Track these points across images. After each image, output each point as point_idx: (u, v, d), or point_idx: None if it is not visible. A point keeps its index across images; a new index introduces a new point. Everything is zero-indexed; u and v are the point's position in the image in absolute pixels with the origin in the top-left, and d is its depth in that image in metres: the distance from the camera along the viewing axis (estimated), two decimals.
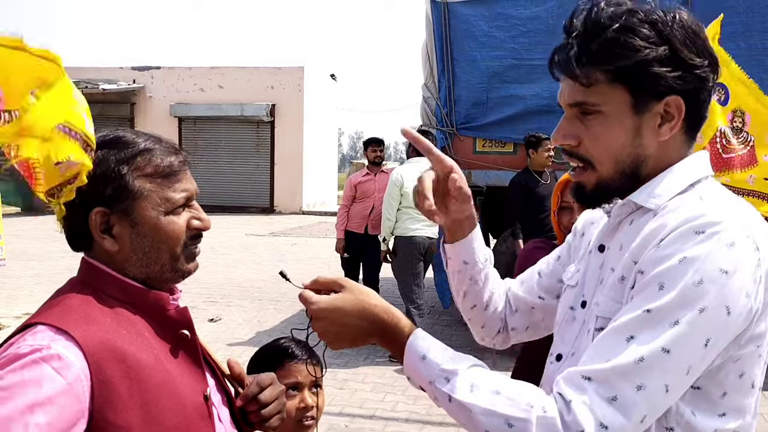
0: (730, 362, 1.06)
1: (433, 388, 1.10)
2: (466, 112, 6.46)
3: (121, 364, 1.10)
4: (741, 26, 5.94)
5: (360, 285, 1.21)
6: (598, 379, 1.01)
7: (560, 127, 1.17)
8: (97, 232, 1.16)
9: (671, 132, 1.12)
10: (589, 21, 1.11)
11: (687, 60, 1.08)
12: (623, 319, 1.04)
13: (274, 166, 20.56)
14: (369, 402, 4.93)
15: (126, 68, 21.14)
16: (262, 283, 9.28)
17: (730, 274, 1.00)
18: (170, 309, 1.23)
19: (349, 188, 6.85)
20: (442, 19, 6.40)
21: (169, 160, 1.21)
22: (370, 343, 1.20)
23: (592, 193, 1.18)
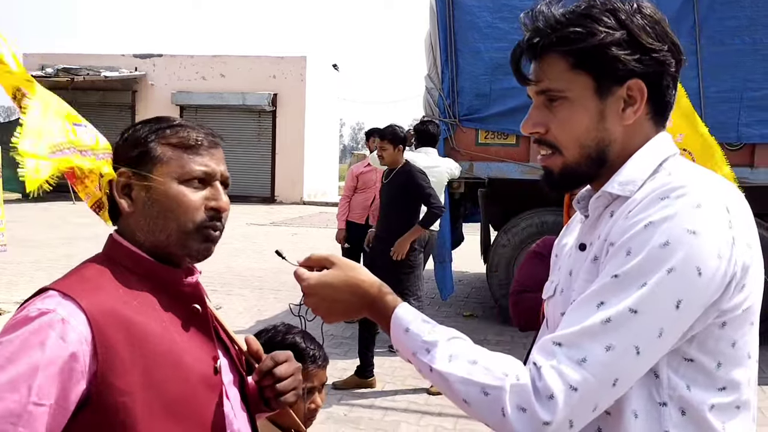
0: (716, 328, 1.05)
1: (416, 359, 1.13)
2: (469, 104, 6.45)
3: (125, 331, 1.14)
4: (746, 21, 5.92)
5: (350, 261, 1.25)
6: (566, 342, 1.02)
7: (529, 116, 1.19)
8: (118, 191, 1.23)
9: (635, 115, 1.13)
10: (549, 11, 1.14)
11: (645, 44, 1.10)
12: (594, 287, 1.05)
13: (275, 156, 20.54)
14: (368, 391, 4.95)
15: (128, 56, 21.08)
16: (262, 272, 9.29)
17: (698, 233, 1.00)
18: (182, 284, 1.27)
19: (350, 179, 6.84)
20: (446, 9, 6.37)
21: (197, 135, 1.26)
22: (361, 316, 1.24)
23: (558, 177, 1.19)
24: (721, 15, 5.95)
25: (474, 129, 6.52)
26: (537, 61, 1.16)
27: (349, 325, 6.70)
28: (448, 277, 6.68)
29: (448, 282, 6.70)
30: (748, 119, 6.01)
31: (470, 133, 6.53)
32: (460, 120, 6.47)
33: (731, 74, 5.97)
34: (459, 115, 6.46)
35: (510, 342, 5.86)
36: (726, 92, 5.99)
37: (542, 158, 1.20)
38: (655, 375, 1.06)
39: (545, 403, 1.00)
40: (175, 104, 20.37)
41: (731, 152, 5.86)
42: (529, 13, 1.17)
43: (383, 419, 4.48)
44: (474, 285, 8.84)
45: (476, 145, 6.55)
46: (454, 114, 6.46)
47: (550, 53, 1.13)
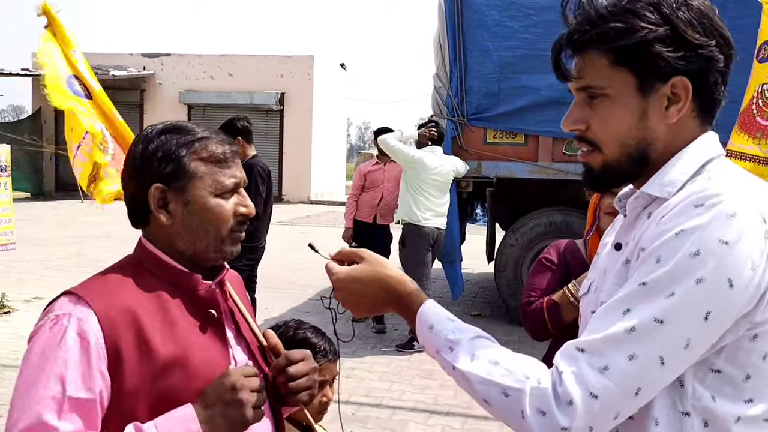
0: (747, 341, 1.03)
1: (439, 356, 1.14)
2: (478, 103, 6.43)
3: (135, 334, 1.21)
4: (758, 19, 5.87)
5: (378, 256, 1.27)
6: (590, 349, 1.01)
7: (570, 113, 1.17)
8: (155, 206, 1.29)
9: (679, 114, 1.09)
10: (591, 5, 1.11)
11: (691, 40, 1.06)
12: (621, 294, 1.04)
13: (282, 155, 20.56)
14: (376, 390, 4.94)
15: (136, 55, 21.14)
16: (270, 270, 9.28)
17: (731, 244, 0.97)
18: (200, 289, 1.33)
19: (358, 177, 6.84)
20: (454, 8, 6.35)
21: (223, 148, 1.33)
22: (389, 312, 1.26)
23: (599, 175, 1.16)
24: (731, 14, 5.87)
25: (482, 128, 6.51)
26: (578, 57, 1.13)
27: (357, 324, 6.70)
28: (458, 276, 6.67)
29: (459, 281, 6.70)
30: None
31: (479, 132, 6.52)
32: (468, 119, 6.46)
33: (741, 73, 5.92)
34: (467, 114, 6.44)
35: (518, 342, 5.84)
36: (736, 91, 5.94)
37: (582, 155, 1.18)
38: (680, 384, 1.04)
39: (564, 409, 0.99)
40: (183, 103, 20.41)
41: None
42: (571, 7, 1.13)
43: (391, 418, 4.47)
44: (481, 284, 8.82)
45: (484, 144, 6.53)
46: (463, 113, 6.44)
47: (590, 49, 1.10)
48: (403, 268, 6.08)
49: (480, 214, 12.32)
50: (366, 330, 6.47)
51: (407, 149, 5.91)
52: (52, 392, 1.14)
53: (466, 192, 6.81)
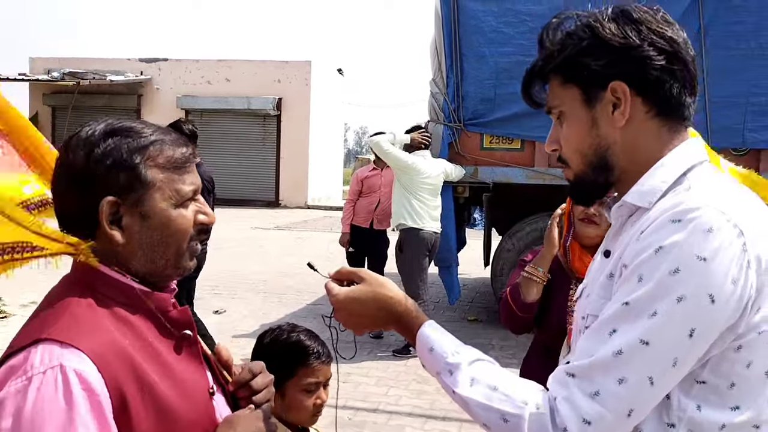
0: (731, 351, 1.03)
1: (440, 379, 1.15)
2: (474, 108, 6.45)
3: (132, 373, 1.07)
4: (751, 26, 5.92)
5: (378, 276, 1.28)
6: (580, 374, 1.03)
7: (549, 135, 1.24)
8: (106, 223, 1.11)
9: (624, 117, 1.12)
10: (540, 39, 1.20)
11: (617, 45, 1.10)
12: (606, 314, 1.05)
13: (279, 160, 20.58)
14: (372, 395, 4.94)
15: (133, 60, 21.16)
16: (267, 276, 9.29)
17: (708, 260, 0.98)
18: (171, 310, 1.20)
19: (355, 183, 6.85)
20: (451, 14, 6.38)
21: (181, 151, 1.18)
22: (389, 329, 1.28)
23: (575, 188, 1.23)
24: (726, 20, 5.95)
25: (479, 133, 6.53)
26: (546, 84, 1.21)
27: None
28: (455, 281, 6.68)
29: (455, 286, 6.71)
30: (754, 124, 6.00)
31: (475, 137, 6.54)
32: (465, 124, 6.48)
33: (736, 79, 5.97)
34: (464, 120, 6.47)
35: (515, 346, 5.84)
36: (731, 97, 5.98)
37: (563, 173, 1.24)
38: (666, 397, 1.05)
39: None
40: (180, 108, 20.42)
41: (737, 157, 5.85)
42: None
43: (387, 423, 4.47)
44: (478, 289, 8.83)
45: (481, 149, 6.56)
46: (459, 118, 6.46)
47: (549, 75, 1.19)
48: (401, 274, 6.09)
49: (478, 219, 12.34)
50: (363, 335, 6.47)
51: (400, 153, 5.90)
52: None
53: (462, 197, 6.83)
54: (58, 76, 19.29)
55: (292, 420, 1.91)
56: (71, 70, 19.75)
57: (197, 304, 7.46)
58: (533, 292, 2.40)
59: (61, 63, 20.73)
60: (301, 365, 1.90)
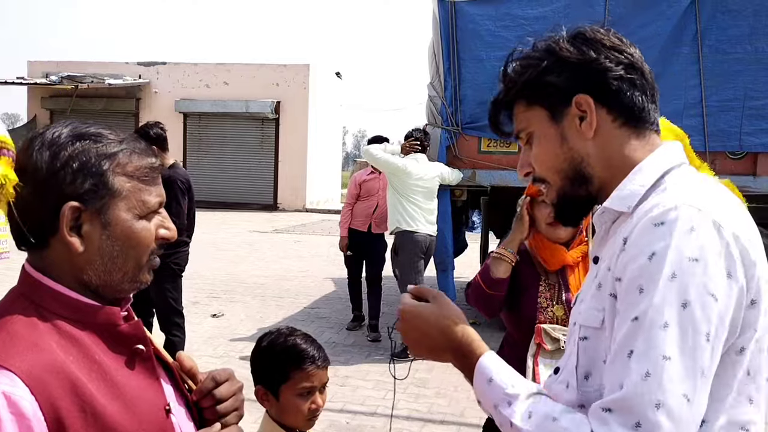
0: (733, 353, 1.04)
1: (497, 412, 1.12)
2: (472, 112, 6.47)
3: (71, 394, 1.01)
4: (747, 30, 5.94)
5: (449, 302, 1.27)
6: (616, 408, 0.99)
7: (520, 160, 1.26)
8: (66, 229, 1.06)
9: (592, 127, 1.15)
10: (502, 71, 1.25)
11: (574, 61, 1.15)
12: (620, 336, 1.03)
13: (278, 164, 20.58)
14: (370, 399, 4.95)
15: (132, 63, 21.18)
16: (265, 279, 9.29)
17: (699, 260, 0.99)
18: (121, 324, 1.14)
19: (353, 186, 6.86)
20: (448, 18, 6.40)
21: (149, 161, 1.14)
22: (445, 360, 1.24)
23: (560, 207, 1.24)
24: (722, 24, 5.97)
25: (476, 137, 6.54)
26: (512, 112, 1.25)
27: (351, 333, 6.71)
28: (450, 284, 6.69)
29: (450, 289, 6.71)
30: (750, 128, 6.02)
31: (473, 141, 6.55)
32: (462, 128, 6.49)
33: (733, 83, 5.99)
34: (461, 123, 6.48)
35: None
36: (728, 101, 6.00)
37: (545, 195, 1.28)
38: None
39: None
40: (179, 112, 20.44)
41: (734, 161, 5.87)
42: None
43: (385, 427, 4.47)
44: None
45: (479, 153, 6.57)
46: (457, 122, 6.48)
47: (514, 101, 1.23)
48: (397, 277, 6.11)
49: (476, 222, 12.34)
50: (361, 338, 6.47)
51: (390, 158, 6.01)
52: None
53: (460, 200, 6.84)
54: (56, 80, 19.30)
55: (288, 424, 1.91)
56: (70, 74, 19.76)
57: (195, 308, 7.47)
58: (501, 269, 2.48)
59: (59, 66, 20.74)
60: (296, 369, 1.89)
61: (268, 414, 1.94)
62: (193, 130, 20.64)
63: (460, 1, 6.39)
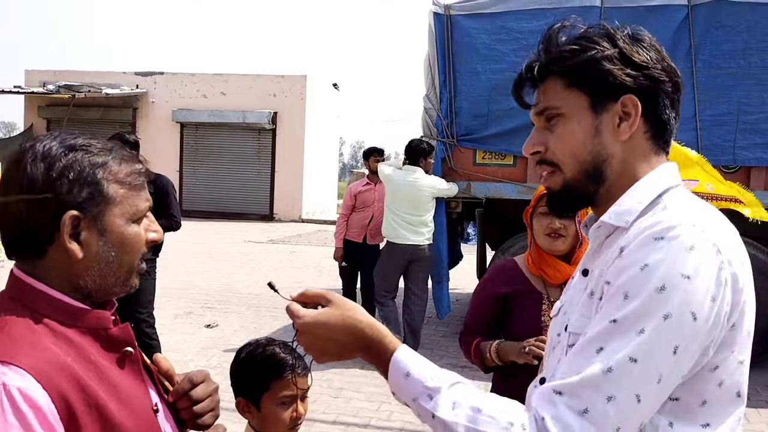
0: (707, 371, 1.06)
1: (416, 405, 1.10)
2: (467, 124, 6.49)
3: (79, 392, 1.06)
4: (741, 45, 5.99)
5: (347, 300, 1.21)
6: (568, 392, 1.02)
7: (530, 138, 1.22)
8: (67, 237, 1.10)
9: (630, 130, 1.14)
10: (546, 39, 1.19)
11: (638, 61, 1.13)
12: (593, 332, 1.05)
13: (274, 174, 20.58)
14: (364, 411, 4.93)
15: (129, 73, 21.20)
16: (260, 290, 9.27)
17: (692, 278, 1.00)
18: (112, 327, 1.19)
19: (349, 197, 6.88)
20: (444, 31, 6.43)
21: (138, 167, 1.19)
22: (354, 358, 1.21)
23: (560, 196, 1.20)
24: (716, 39, 6.02)
25: (472, 149, 6.55)
26: (538, 86, 1.20)
27: None
28: (445, 295, 6.69)
29: (445, 301, 6.71)
30: (744, 142, 6.05)
31: (468, 153, 6.57)
32: (458, 140, 6.51)
33: (727, 98, 6.02)
34: (457, 136, 6.50)
35: None
36: (722, 115, 6.03)
37: (544, 180, 1.22)
38: None
39: None
40: (176, 122, 20.44)
41: (727, 175, 5.90)
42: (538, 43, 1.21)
43: None
44: None
45: (474, 165, 6.58)
46: (452, 134, 6.50)
47: (548, 76, 1.17)
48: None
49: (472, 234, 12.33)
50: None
51: (385, 169, 6.23)
52: None
53: (455, 212, 6.85)
54: (53, 89, 19.30)
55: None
56: (67, 83, 19.77)
57: (190, 319, 7.45)
58: (495, 362, 2.40)
59: (56, 76, 20.76)
60: (276, 378, 1.89)
61: (250, 425, 1.94)
62: (190, 140, 20.64)
63: (455, 15, 6.43)
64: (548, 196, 1.23)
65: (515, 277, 2.49)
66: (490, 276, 2.62)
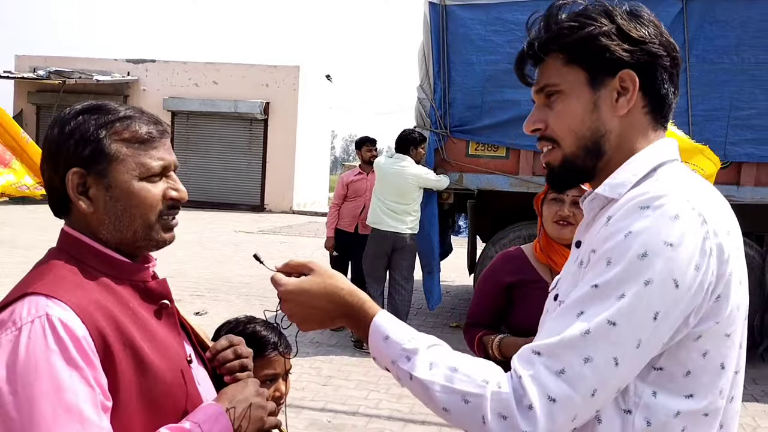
0: (690, 340, 1.06)
1: (395, 367, 1.12)
2: (461, 115, 6.48)
3: (114, 328, 1.15)
4: (734, 41, 6.00)
5: (328, 268, 1.24)
6: (546, 353, 1.03)
7: (530, 116, 1.23)
8: (73, 192, 1.20)
9: (628, 105, 1.14)
10: (546, 17, 1.19)
11: (635, 36, 1.13)
12: (575, 296, 1.06)
13: (266, 164, 20.52)
14: (352, 399, 4.94)
15: (120, 60, 21.04)
16: (249, 278, 9.26)
17: (675, 246, 1.01)
18: (150, 281, 1.28)
19: (340, 187, 6.86)
20: (439, 21, 6.41)
21: (148, 128, 1.25)
22: (338, 326, 1.24)
23: (559, 171, 1.21)
24: (710, 34, 6.03)
25: (465, 140, 6.55)
26: (539, 64, 1.20)
27: (334, 333, 6.69)
28: (436, 286, 6.69)
29: (435, 292, 6.71)
30: (735, 138, 6.07)
31: (461, 144, 6.56)
32: (451, 131, 6.50)
33: (719, 93, 6.04)
34: (450, 127, 6.49)
35: None
36: (714, 111, 6.06)
37: (544, 156, 1.22)
38: None
39: (525, 413, 1.00)
40: (167, 110, 20.31)
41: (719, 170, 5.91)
42: (535, 20, 1.21)
43: (367, 426, 4.47)
44: (461, 296, 8.85)
45: (466, 156, 6.58)
46: (446, 125, 6.49)
47: (548, 54, 1.18)
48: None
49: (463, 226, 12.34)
50: (344, 339, 6.46)
51: (379, 159, 6.43)
52: (85, 395, 1.06)
53: (447, 204, 6.85)
54: (43, 75, 19.12)
55: None
56: (57, 69, 19.60)
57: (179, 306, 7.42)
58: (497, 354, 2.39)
59: (47, 61, 20.57)
60: (258, 356, 1.86)
61: None
62: (181, 129, 20.52)
63: (451, 5, 6.41)
64: (547, 172, 1.24)
65: (521, 266, 2.44)
66: (496, 265, 2.54)
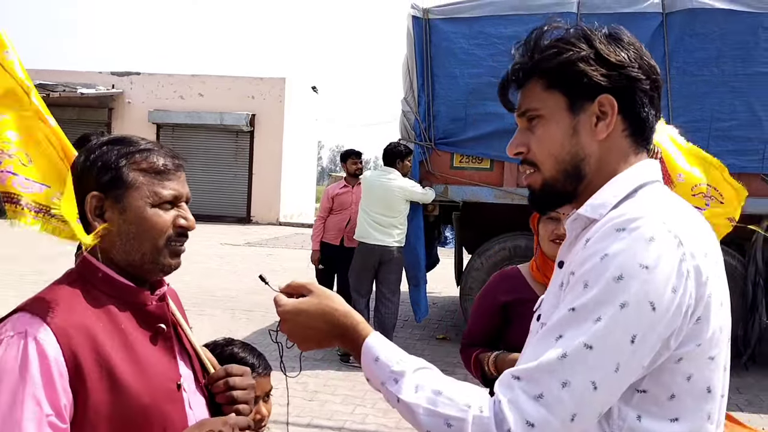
0: (671, 362, 1.06)
1: (384, 389, 1.14)
2: (445, 128, 6.51)
3: (93, 351, 1.23)
4: (714, 53, 6.08)
5: (326, 290, 1.27)
6: (525, 377, 1.03)
7: (513, 139, 1.24)
8: (91, 214, 1.31)
9: (607, 129, 1.15)
10: (527, 42, 1.21)
11: (614, 60, 1.14)
12: (553, 320, 1.07)
13: (252, 176, 20.47)
14: (338, 414, 4.90)
15: (105, 73, 20.96)
16: (235, 292, 9.20)
17: (650, 269, 1.02)
18: (149, 304, 1.36)
19: (326, 200, 6.85)
20: (423, 35, 6.46)
21: (165, 161, 1.37)
22: (335, 346, 1.26)
23: (539, 194, 1.22)
24: (690, 47, 6.11)
25: (449, 152, 6.58)
26: (522, 89, 1.22)
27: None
28: (423, 298, 6.69)
29: (422, 304, 6.71)
30: (717, 149, 6.12)
31: (445, 156, 6.59)
32: (435, 143, 6.53)
33: (700, 105, 6.11)
34: (434, 139, 6.52)
35: None
36: (695, 122, 6.11)
37: (525, 178, 1.24)
38: None
39: None
40: (152, 122, 20.24)
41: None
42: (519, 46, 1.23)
43: None
44: (448, 308, 8.85)
45: (451, 168, 6.61)
46: (430, 137, 6.52)
47: (530, 79, 1.20)
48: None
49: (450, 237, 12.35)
50: (330, 353, 6.43)
51: (366, 173, 6.50)
52: (31, 413, 1.15)
53: (432, 216, 6.87)
54: None
55: None
56: (41, 82, 19.46)
57: None
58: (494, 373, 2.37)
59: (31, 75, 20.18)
60: None
61: None
62: (167, 142, 20.38)
63: (434, 18, 6.45)
64: (529, 194, 1.25)
65: (518, 285, 2.44)
66: (492, 284, 2.54)
